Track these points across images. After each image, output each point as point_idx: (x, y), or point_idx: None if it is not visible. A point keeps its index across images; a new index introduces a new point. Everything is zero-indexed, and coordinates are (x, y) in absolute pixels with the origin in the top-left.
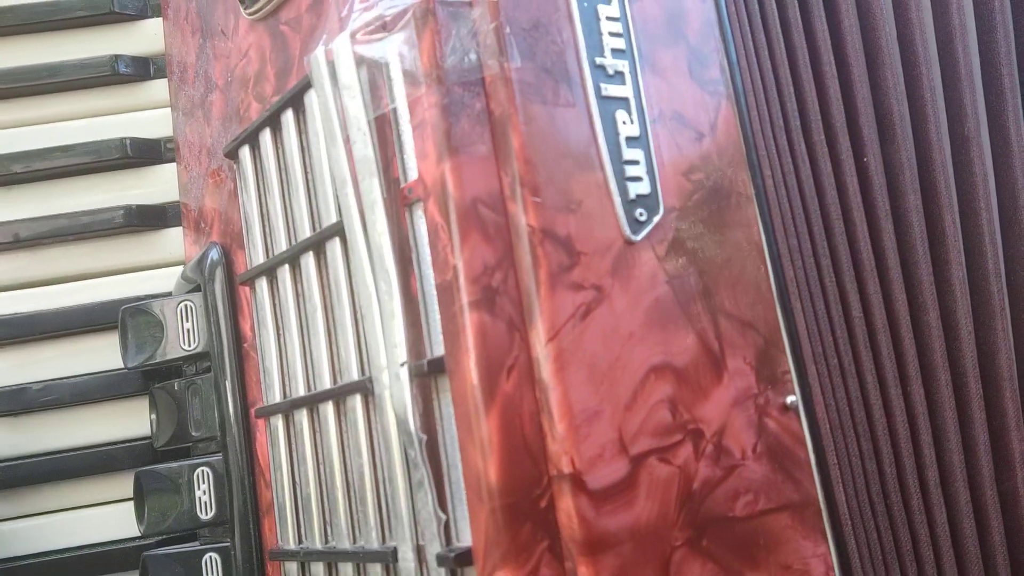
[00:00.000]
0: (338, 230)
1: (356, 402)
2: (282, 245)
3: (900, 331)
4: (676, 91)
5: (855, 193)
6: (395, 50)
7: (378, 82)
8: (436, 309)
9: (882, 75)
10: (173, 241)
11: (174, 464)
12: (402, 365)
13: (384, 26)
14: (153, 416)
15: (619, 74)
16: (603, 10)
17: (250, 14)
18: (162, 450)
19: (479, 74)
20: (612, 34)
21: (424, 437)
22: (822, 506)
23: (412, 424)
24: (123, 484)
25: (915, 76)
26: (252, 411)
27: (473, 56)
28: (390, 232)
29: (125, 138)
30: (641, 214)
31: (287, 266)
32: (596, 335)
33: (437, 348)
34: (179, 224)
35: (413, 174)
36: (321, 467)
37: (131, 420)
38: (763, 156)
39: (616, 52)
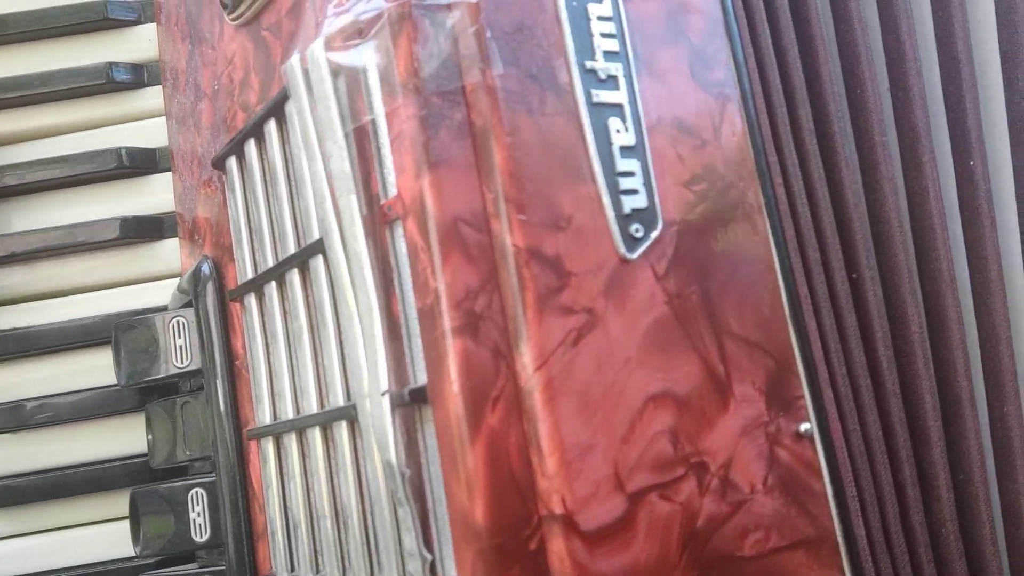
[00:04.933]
0: (322, 247)
1: (343, 429)
2: (269, 261)
3: (923, 351)
4: (676, 95)
5: (878, 203)
6: (371, 57)
7: (356, 92)
8: (419, 335)
9: (910, 81)
10: (171, 253)
11: (169, 484)
12: (383, 394)
13: (360, 31)
14: (150, 434)
15: (612, 78)
16: (594, 9)
17: (233, 19)
18: (159, 469)
19: (459, 82)
20: (604, 35)
21: (407, 471)
22: (840, 542)
23: (394, 457)
24: (121, 503)
25: (955, 78)
26: (244, 431)
27: (452, 63)
28: (370, 252)
29: (121, 148)
30: (637, 230)
31: (274, 283)
32: (589, 362)
33: (421, 376)
34: (176, 235)
35: (394, 190)
36: (311, 494)
37: (130, 437)
38: (774, 163)
39: (609, 55)
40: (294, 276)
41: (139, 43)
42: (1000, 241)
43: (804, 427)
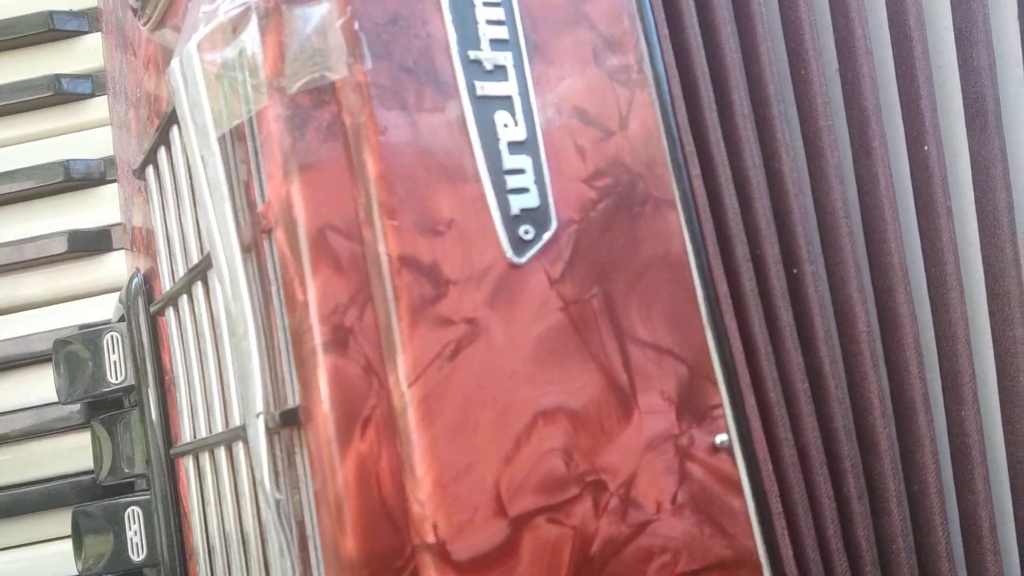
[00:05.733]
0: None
1: (240, 450)
2: (180, 272)
3: (872, 352)
4: (577, 83)
5: (823, 193)
6: (241, 56)
7: (232, 93)
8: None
9: (859, 61)
10: (120, 265)
11: (107, 502)
12: (257, 415)
13: (234, 29)
14: (95, 451)
15: (500, 69)
16: None
17: (143, 24)
18: (105, 486)
19: (328, 79)
20: (491, 22)
21: (279, 498)
22: (763, 563)
23: (267, 481)
24: (68, 521)
25: (907, 58)
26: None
27: (321, 59)
28: (247, 264)
29: (67, 161)
30: (527, 231)
31: (186, 296)
32: (468, 377)
33: (296, 396)
34: (123, 247)
35: (267, 197)
36: (222, 515)
37: (82, 454)
38: (691, 153)
39: (496, 43)
40: (199, 289)
41: (85, 53)
42: (957, 232)
43: (720, 439)
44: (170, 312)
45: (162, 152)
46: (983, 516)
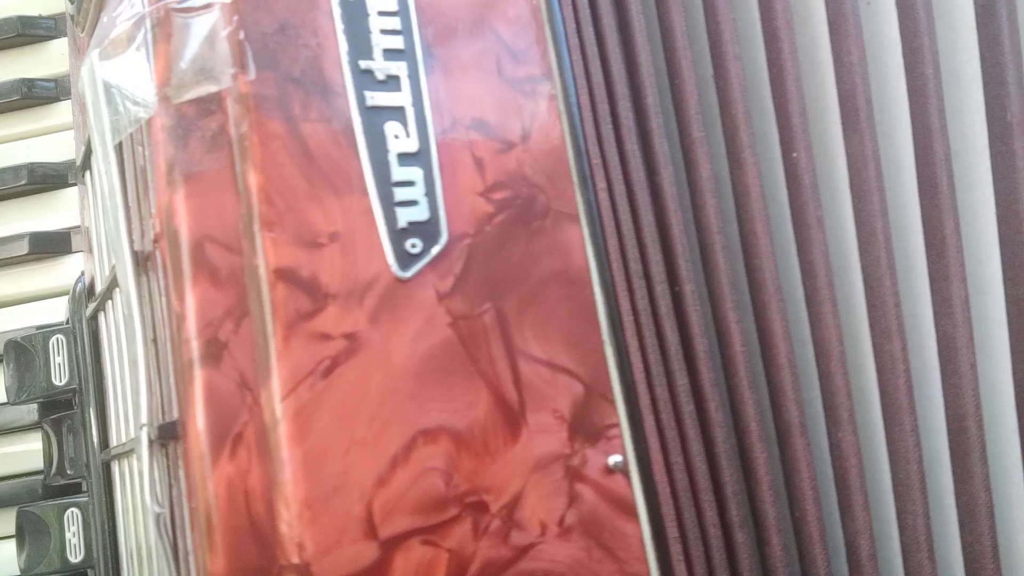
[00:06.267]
0: None
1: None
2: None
3: (748, 373)
4: (477, 95)
5: (699, 207)
6: (135, 65)
7: (127, 102)
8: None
9: (728, 65)
10: (79, 267)
11: (49, 503)
12: (141, 427)
13: (130, 38)
14: (46, 451)
15: (393, 79)
16: (374, 4)
17: (80, 30)
18: (54, 486)
19: (215, 89)
20: (386, 32)
21: (160, 511)
22: None
23: (147, 495)
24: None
25: (776, 59)
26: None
27: (208, 69)
28: (139, 273)
29: (31, 163)
30: (414, 245)
31: (110, 301)
32: (344, 394)
33: (176, 410)
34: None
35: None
36: (134, 523)
37: (37, 454)
38: (597, 166)
39: (390, 53)
40: (117, 296)
41: (54, 58)
42: (836, 241)
43: (614, 460)
44: (100, 316)
45: (95, 155)
46: (863, 545)
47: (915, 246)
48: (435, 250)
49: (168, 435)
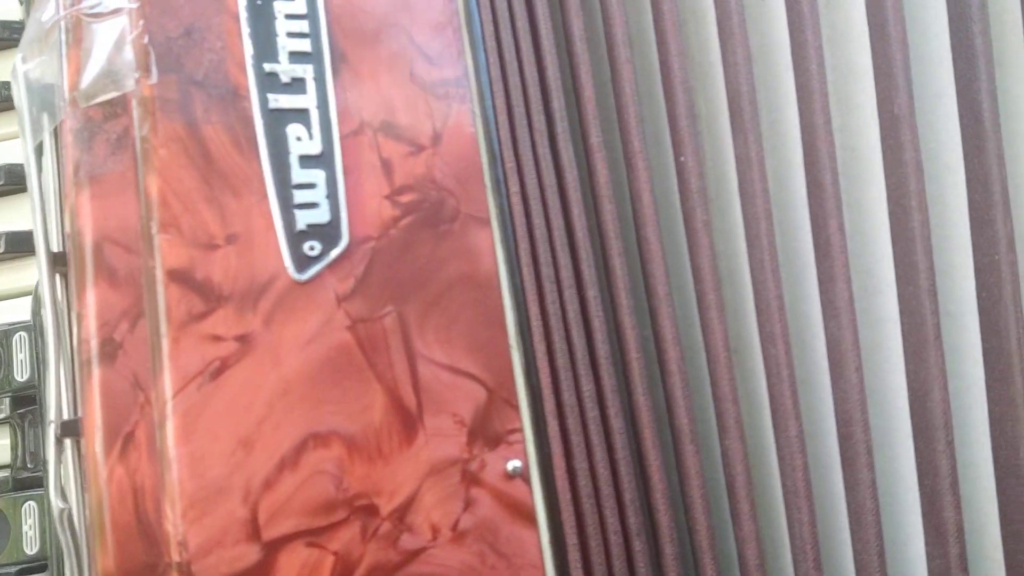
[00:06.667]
0: None
1: None
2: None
3: (643, 379)
4: (387, 97)
5: (599, 212)
6: (50, 68)
7: (43, 105)
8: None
9: (619, 67)
10: None
11: (9, 496)
12: (49, 424)
13: (48, 41)
14: (13, 444)
15: (298, 82)
16: (282, 7)
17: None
18: (19, 479)
19: (119, 93)
20: (292, 35)
21: (63, 507)
22: None
23: (52, 490)
24: None
25: (665, 59)
26: None
27: (114, 72)
28: (55, 272)
29: (7, 164)
30: (312, 248)
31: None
32: (233, 395)
33: (79, 408)
34: None
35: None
36: None
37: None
38: (512, 170)
39: (296, 56)
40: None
41: None
42: (727, 244)
43: (512, 465)
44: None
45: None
46: (749, 554)
47: (805, 247)
48: (335, 253)
49: (71, 432)
